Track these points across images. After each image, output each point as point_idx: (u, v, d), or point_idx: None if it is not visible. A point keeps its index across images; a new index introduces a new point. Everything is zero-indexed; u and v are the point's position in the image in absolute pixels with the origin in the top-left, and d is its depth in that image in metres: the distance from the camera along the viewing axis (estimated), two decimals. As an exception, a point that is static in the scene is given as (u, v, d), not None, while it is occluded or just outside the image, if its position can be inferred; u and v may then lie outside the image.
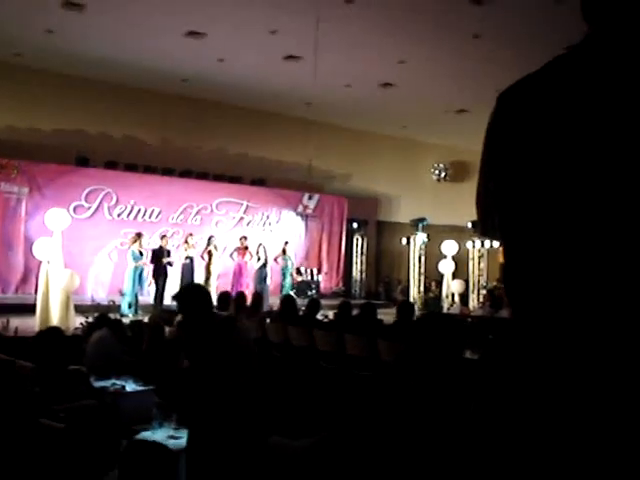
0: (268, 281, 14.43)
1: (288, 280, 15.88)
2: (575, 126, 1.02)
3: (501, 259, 1.17)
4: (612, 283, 0.97)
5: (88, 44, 13.40)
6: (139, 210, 15.65)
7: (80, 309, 10.17)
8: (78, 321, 8.97)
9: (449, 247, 16.75)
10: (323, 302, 9.82)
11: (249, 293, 10.34)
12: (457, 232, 17.95)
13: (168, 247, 13.50)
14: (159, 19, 12.10)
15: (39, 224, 12.20)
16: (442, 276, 16.94)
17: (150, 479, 2.65)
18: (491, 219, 1.15)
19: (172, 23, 12.28)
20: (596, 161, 0.99)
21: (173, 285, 13.65)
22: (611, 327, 0.96)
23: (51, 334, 5.81)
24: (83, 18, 12.02)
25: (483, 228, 1.20)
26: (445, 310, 15.05)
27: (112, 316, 7.78)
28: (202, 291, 4.00)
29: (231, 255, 15.01)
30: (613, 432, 0.96)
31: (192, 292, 3.95)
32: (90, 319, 8.09)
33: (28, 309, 10.34)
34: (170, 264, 13.20)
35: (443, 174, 21.17)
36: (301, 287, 16.69)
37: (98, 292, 13.76)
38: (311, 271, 17.63)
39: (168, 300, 12.97)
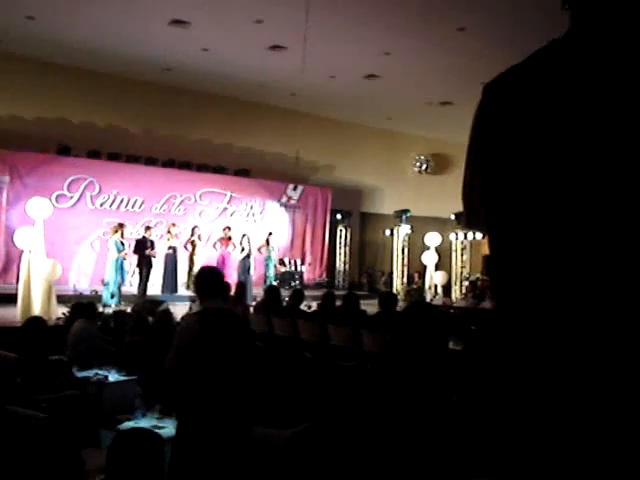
0: (252, 272, 14.43)
1: (272, 271, 15.87)
2: (562, 118, 1.00)
3: (484, 251, 1.17)
4: (598, 277, 0.96)
5: (70, 31, 13.23)
6: (122, 200, 15.52)
7: (62, 299, 10.09)
8: (60, 311, 8.91)
9: (432, 239, 16.84)
10: (306, 293, 9.82)
11: (232, 283, 10.32)
12: (440, 224, 18.05)
13: (151, 238, 13.44)
14: (143, 7, 11.98)
15: (20, 213, 12.08)
16: (425, 267, 17.04)
17: (139, 467, 2.66)
18: (477, 211, 1.14)
19: (156, 11, 12.16)
20: (584, 153, 0.98)
21: (156, 275, 13.63)
22: (596, 320, 0.97)
23: (34, 324, 5.79)
24: (65, 4, 11.87)
25: (468, 220, 1.20)
26: (428, 301, 15.13)
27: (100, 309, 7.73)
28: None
29: (214, 245, 14.96)
30: (596, 418, 0.97)
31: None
32: (72, 309, 8.04)
33: (9, 299, 10.26)
34: (153, 256, 13.13)
35: (424, 166, 21.19)
36: (284, 278, 16.68)
37: (80, 282, 13.67)
38: (295, 262, 17.61)
39: (151, 290, 12.95)
